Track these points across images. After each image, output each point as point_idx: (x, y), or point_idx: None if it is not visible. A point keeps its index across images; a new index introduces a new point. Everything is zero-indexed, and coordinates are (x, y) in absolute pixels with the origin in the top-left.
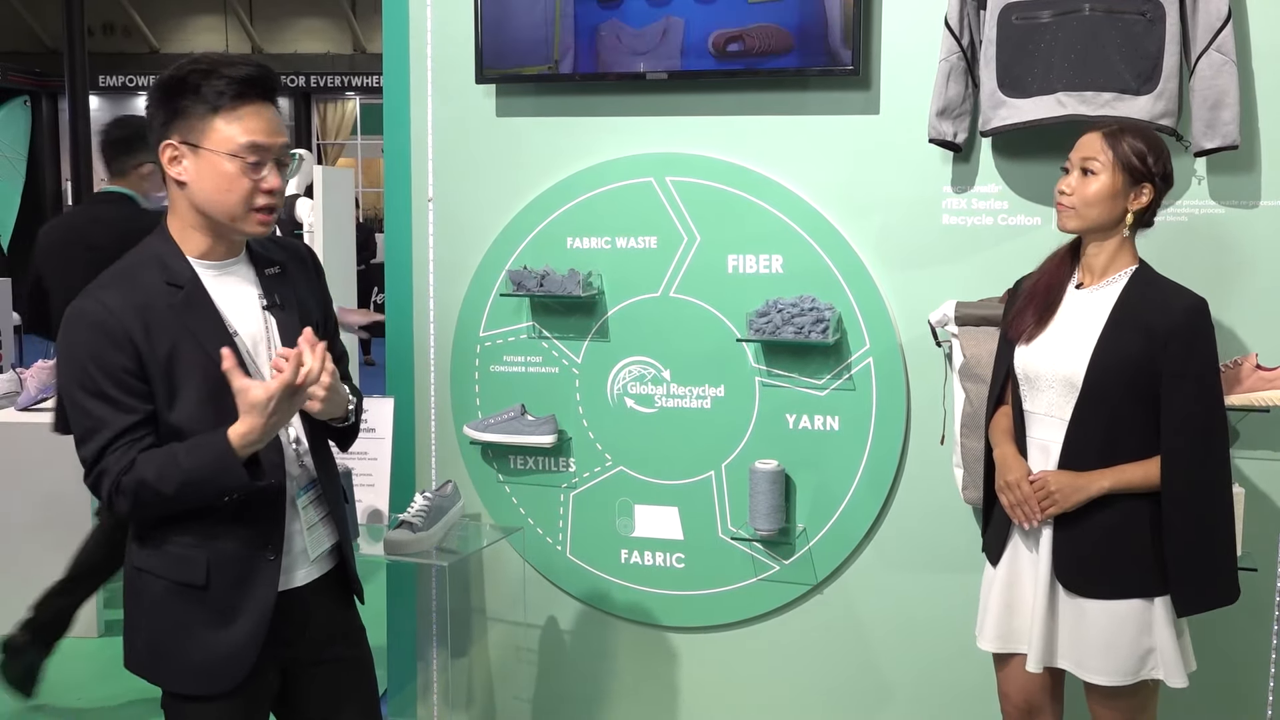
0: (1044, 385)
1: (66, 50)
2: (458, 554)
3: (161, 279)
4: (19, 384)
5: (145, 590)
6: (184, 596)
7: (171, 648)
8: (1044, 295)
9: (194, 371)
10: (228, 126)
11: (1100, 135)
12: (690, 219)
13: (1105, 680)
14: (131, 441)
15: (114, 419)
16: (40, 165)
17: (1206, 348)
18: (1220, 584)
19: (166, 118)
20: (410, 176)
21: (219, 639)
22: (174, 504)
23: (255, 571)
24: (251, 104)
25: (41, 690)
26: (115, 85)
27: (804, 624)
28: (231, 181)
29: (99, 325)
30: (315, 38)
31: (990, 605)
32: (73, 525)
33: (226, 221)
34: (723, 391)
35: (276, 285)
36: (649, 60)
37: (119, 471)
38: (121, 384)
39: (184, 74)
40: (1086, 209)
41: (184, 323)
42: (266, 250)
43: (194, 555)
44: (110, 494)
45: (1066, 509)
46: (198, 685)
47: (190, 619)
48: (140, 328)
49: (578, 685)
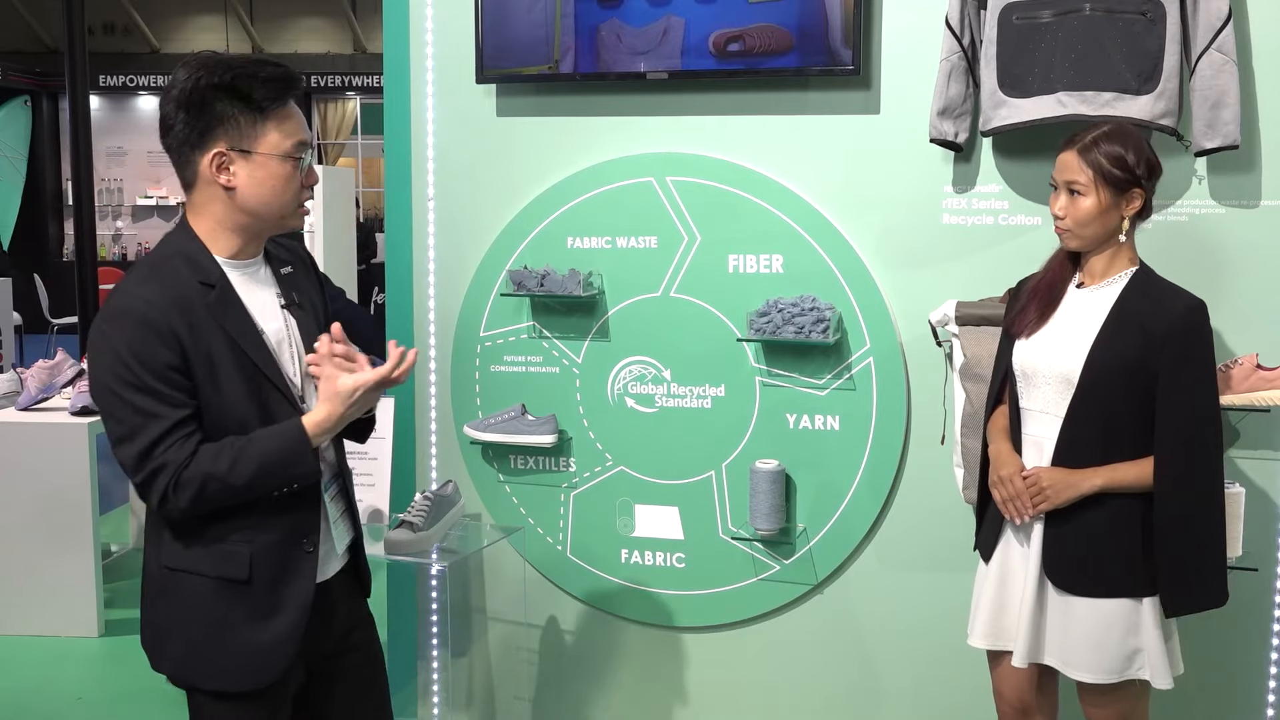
0: (1040, 382)
1: (67, 50)
2: (458, 554)
3: (194, 278)
4: (19, 384)
5: (181, 589)
6: (226, 592)
7: (213, 645)
8: (1046, 294)
9: (233, 369)
10: (278, 129)
11: (1075, 153)
12: (690, 219)
13: (1090, 678)
14: (186, 436)
15: (165, 413)
16: (40, 165)
17: (1203, 349)
18: (1209, 586)
19: (206, 126)
20: (410, 176)
21: (261, 633)
22: (240, 495)
23: (296, 564)
24: (290, 104)
25: (41, 690)
26: (116, 85)
27: (804, 624)
28: (286, 182)
29: (145, 322)
30: (315, 38)
31: (982, 602)
32: (73, 525)
33: (277, 220)
34: (723, 391)
35: (291, 285)
36: (649, 60)
37: (178, 465)
38: (169, 380)
39: (218, 81)
40: (1083, 229)
41: (219, 321)
42: (276, 251)
43: (237, 550)
44: (168, 489)
45: (1058, 505)
46: (240, 681)
47: (232, 615)
48: (184, 325)
49: (578, 685)
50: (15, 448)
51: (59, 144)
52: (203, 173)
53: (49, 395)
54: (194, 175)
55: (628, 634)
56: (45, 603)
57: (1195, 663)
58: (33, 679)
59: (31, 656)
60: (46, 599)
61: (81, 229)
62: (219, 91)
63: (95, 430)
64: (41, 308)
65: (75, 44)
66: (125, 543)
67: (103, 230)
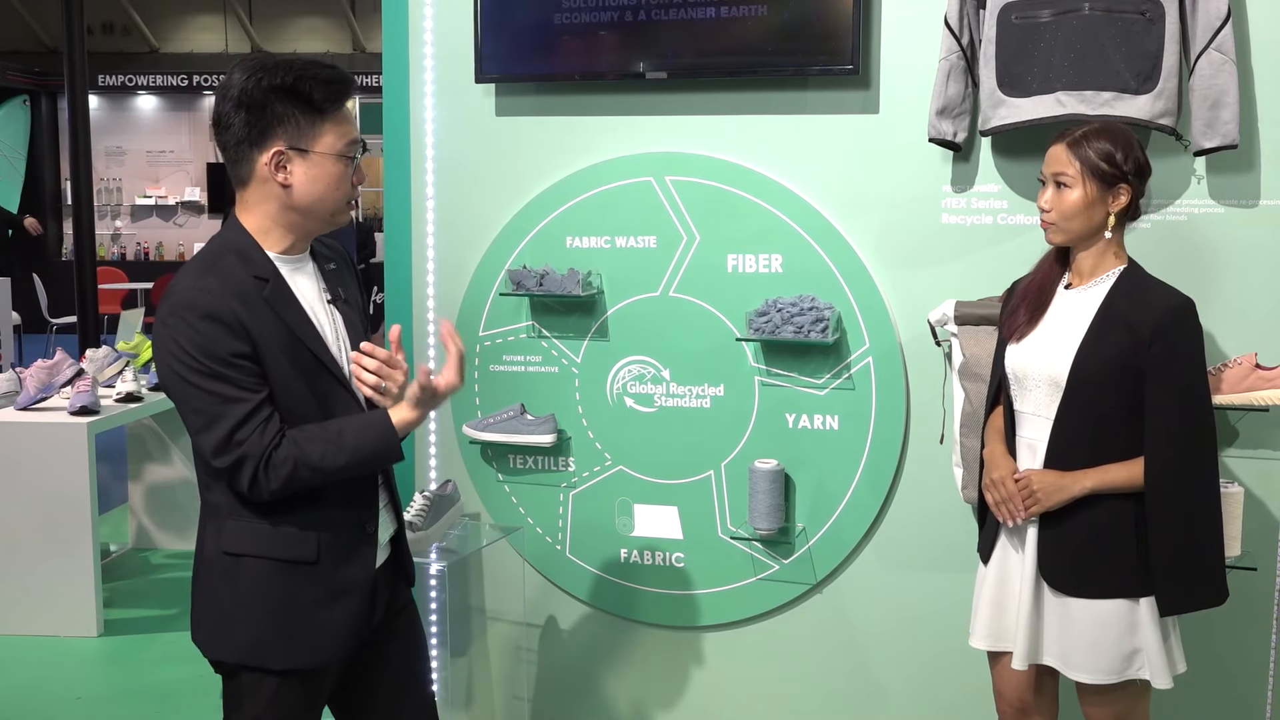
0: (1031, 385)
1: (66, 49)
2: (458, 553)
3: (248, 272)
4: (19, 384)
5: (245, 572)
6: (293, 573)
7: (279, 626)
8: (1035, 296)
9: (294, 358)
10: (335, 129)
11: (1064, 146)
12: (690, 218)
13: (1089, 678)
14: (265, 420)
15: (245, 397)
16: (40, 164)
17: (1191, 348)
18: (1205, 585)
19: (265, 125)
20: (410, 176)
21: (328, 612)
22: (329, 479)
23: (358, 546)
24: (345, 105)
25: (41, 690)
26: (115, 85)
27: (803, 623)
28: (340, 180)
29: (212, 314)
30: (315, 37)
31: (981, 604)
32: (72, 525)
33: (328, 217)
34: (722, 391)
35: (335, 281)
36: (649, 60)
37: (266, 449)
38: (241, 369)
39: (280, 83)
40: (1067, 222)
41: (278, 315)
42: (320, 248)
43: (305, 532)
44: (258, 471)
45: (1049, 508)
46: (314, 658)
47: (300, 595)
48: (248, 315)
49: (577, 685)
50: (14, 448)
51: (58, 144)
52: (259, 171)
53: (48, 395)
54: (250, 173)
55: (627, 633)
56: (44, 602)
57: (1195, 663)
58: (32, 679)
59: (31, 656)
60: (46, 599)
61: (80, 229)
62: (279, 93)
63: (94, 430)
64: (40, 307)
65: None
66: (124, 543)
67: (102, 230)
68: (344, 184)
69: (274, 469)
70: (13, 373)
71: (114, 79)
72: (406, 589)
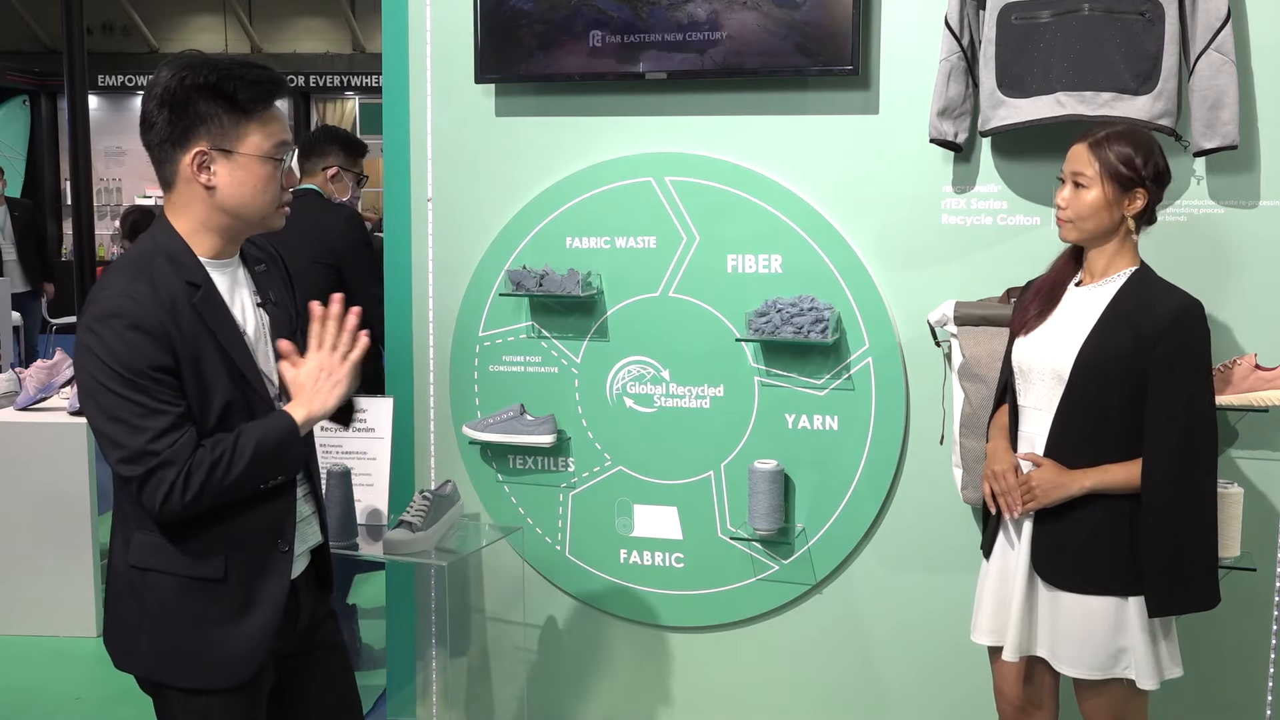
0: (1035, 378)
1: (66, 50)
2: (457, 554)
3: (179, 278)
4: (18, 384)
5: (152, 588)
6: (199, 591)
7: (185, 643)
8: (1047, 291)
9: (218, 369)
10: (261, 130)
11: (1086, 146)
12: (689, 219)
13: (1075, 672)
14: (186, 432)
15: (165, 409)
16: (39, 165)
17: (1196, 349)
18: (1195, 588)
19: (188, 124)
20: (410, 176)
21: (236, 631)
22: (233, 491)
23: (270, 563)
24: (273, 106)
25: (41, 690)
26: (114, 85)
27: (803, 624)
28: (267, 183)
29: (139, 325)
30: (315, 37)
31: (983, 599)
32: (71, 525)
33: (257, 221)
34: (722, 391)
35: (265, 282)
36: (649, 60)
37: (184, 461)
38: (162, 382)
39: (202, 81)
40: (1082, 221)
41: (205, 322)
42: (249, 249)
43: (212, 549)
44: (174, 484)
45: (1046, 505)
46: (216, 679)
47: (206, 613)
48: (174, 326)
49: (576, 685)
50: (14, 448)
51: (57, 144)
52: (183, 171)
53: (47, 395)
54: (174, 174)
55: (627, 634)
56: (44, 602)
57: (1195, 663)
58: (31, 679)
59: (30, 656)
60: (45, 599)
61: (80, 229)
62: (203, 91)
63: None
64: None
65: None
66: None
67: (101, 230)
68: (272, 186)
69: (190, 481)
70: (13, 373)
71: (114, 79)
72: (327, 599)
